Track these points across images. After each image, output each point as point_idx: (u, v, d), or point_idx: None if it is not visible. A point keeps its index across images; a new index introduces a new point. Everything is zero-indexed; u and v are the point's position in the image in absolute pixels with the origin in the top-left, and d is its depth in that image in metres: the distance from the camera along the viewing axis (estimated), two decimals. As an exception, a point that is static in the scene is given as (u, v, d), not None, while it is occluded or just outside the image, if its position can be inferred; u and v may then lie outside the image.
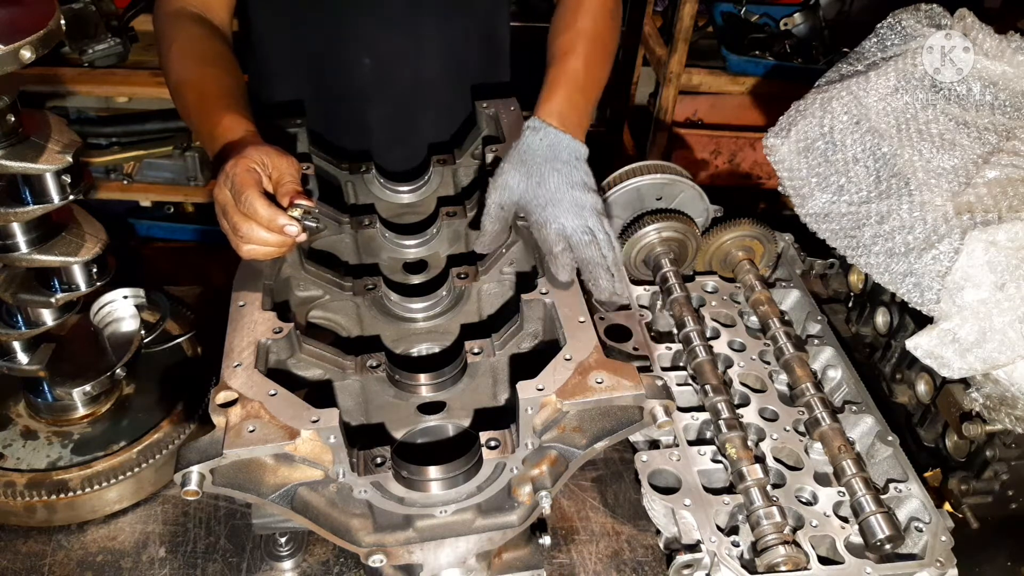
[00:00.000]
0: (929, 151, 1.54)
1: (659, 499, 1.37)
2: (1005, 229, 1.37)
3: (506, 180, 1.39)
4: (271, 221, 1.22)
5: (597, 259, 1.33)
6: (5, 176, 1.27)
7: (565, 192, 1.36)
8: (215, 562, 1.38)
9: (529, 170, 1.38)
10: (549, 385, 1.12)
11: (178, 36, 1.59)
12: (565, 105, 1.50)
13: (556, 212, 1.34)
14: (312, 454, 1.09)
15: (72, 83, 3.35)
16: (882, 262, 1.51)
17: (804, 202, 1.66)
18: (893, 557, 1.36)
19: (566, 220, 1.33)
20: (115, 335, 1.54)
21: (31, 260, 1.35)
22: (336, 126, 1.85)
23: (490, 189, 1.40)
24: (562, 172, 1.38)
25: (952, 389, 1.51)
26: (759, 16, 3.63)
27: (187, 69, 1.55)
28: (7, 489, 1.41)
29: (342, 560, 1.40)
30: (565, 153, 1.41)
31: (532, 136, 1.43)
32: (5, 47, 1.08)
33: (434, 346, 1.41)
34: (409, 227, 1.58)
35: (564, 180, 1.37)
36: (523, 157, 1.41)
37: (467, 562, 1.20)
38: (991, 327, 1.37)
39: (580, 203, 1.35)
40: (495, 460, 1.11)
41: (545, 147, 1.41)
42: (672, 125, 3.55)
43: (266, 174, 1.29)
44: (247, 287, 1.29)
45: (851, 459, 1.42)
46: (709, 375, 1.55)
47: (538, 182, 1.37)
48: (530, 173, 1.38)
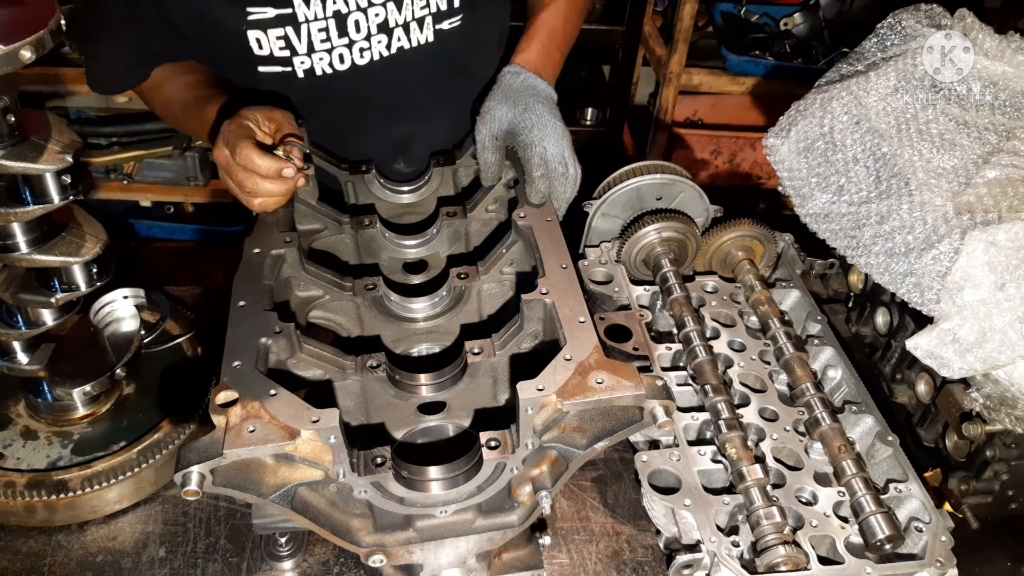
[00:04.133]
0: (929, 151, 1.54)
1: (659, 499, 1.37)
2: (1005, 229, 1.37)
3: (494, 113, 1.54)
4: (269, 169, 1.32)
5: (562, 192, 1.51)
6: (5, 176, 1.27)
7: (549, 119, 1.51)
8: (215, 562, 1.38)
9: (514, 102, 1.54)
10: (549, 385, 1.12)
11: (163, 81, 1.71)
12: (541, 55, 1.69)
13: (542, 135, 1.49)
14: (312, 454, 1.09)
15: (72, 83, 3.35)
16: (882, 262, 1.51)
17: (804, 202, 1.66)
18: (893, 557, 1.35)
19: (549, 144, 1.48)
20: (115, 335, 1.54)
21: (31, 260, 1.35)
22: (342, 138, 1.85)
23: (479, 125, 1.54)
24: (544, 104, 1.54)
25: (952, 389, 1.51)
26: (759, 16, 3.63)
27: (171, 88, 1.69)
28: (7, 489, 1.41)
29: (342, 560, 1.40)
30: (543, 93, 1.58)
31: (512, 78, 1.59)
32: (5, 47, 1.08)
33: (434, 346, 1.41)
34: (409, 227, 1.58)
35: (547, 109, 1.53)
36: (506, 93, 1.56)
37: (467, 562, 1.20)
38: (991, 327, 1.37)
39: (560, 132, 1.51)
40: (495, 460, 1.11)
41: (526, 85, 1.58)
42: (672, 125, 3.55)
43: (261, 129, 1.38)
44: (247, 287, 1.29)
45: (851, 459, 1.42)
46: (709, 375, 1.55)
47: (524, 109, 1.52)
48: (515, 103, 1.53)
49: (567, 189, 1.51)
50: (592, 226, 1.85)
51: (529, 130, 1.50)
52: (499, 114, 1.53)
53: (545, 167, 1.48)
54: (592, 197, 1.83)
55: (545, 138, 1.48)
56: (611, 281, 1.77)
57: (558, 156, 1.48)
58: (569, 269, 1.34)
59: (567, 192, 1.52)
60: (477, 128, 1.55)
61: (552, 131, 1.50)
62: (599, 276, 1.78)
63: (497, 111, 1.54)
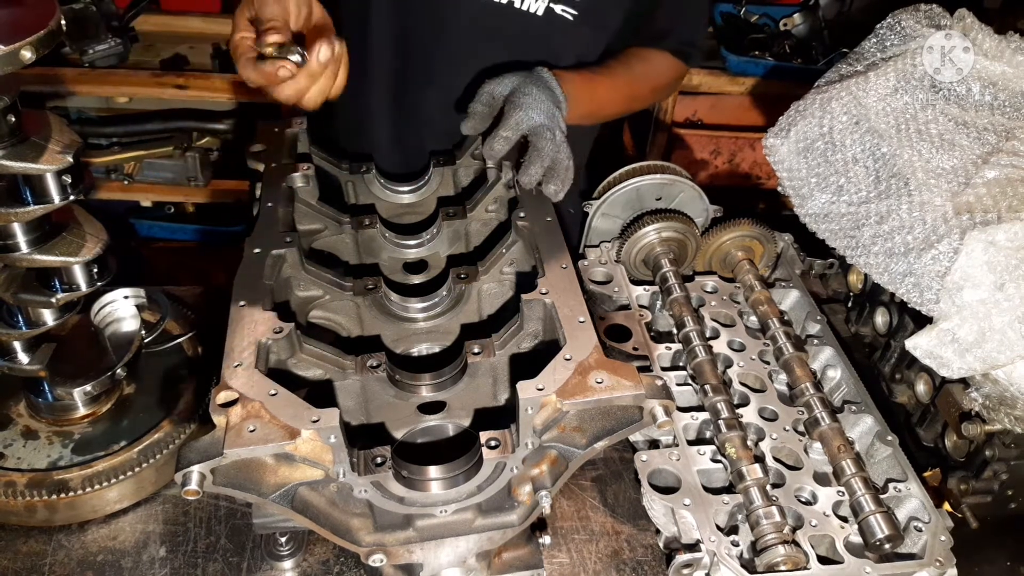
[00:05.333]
0: (928, 151, 1.54)
1: (659, 499, 1.37)
2: (1004, 229, 1.37)
3: (504, 77, 1.55)
4: (267, 80, 1.33)
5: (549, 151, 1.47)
6: (6, 176, 1.27)
7: (550, 107, 1.51)
8: (215, 562, 1.39)
9: (526, 80, 1.54)
10: (549, 385, 1.12)
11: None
12: (581, 85, 1.67)
13: (531, 111, 1.48)
14: (312, 454, 1.09)
15: (72, 83, 3.35)
16: (881, 262, 1.51)
17: (804, 202, 1.66)
18: (892, 557, 1.36)
19: (536, 116, 1.48)
20: (116, 335, 1.54)
21: (32, 260, 1.35)
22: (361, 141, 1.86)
23: (488, 81, 1.56)
24: (550, 100, 1.53)
25: (951, 389, 1.51)
26: (759, 16, 3.63)
27: None
28: (8, 489, 1.41)
29: (342, 560, 1.40)
30: (558, 98, 1.57)
31: (541, 72, 1.58)
32: (5, 47, 1.08)
33: (434, 346, 1.41)
34: (409, 227, 1.58)
35: (551, 99, 1.53)
36: (526, 75, 1.56)
37: (467, 562, 1.20)
38: (990, 327, 1.37)
39: (556, 121, 1.51)
40: (495, 460, 1.11)
41: (546, 85, 1.56)
42: (672, 125, 3.55)
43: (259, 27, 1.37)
44: (247, 287, 1.29)
45: (850, 459, 1.42)
46: (709, 375, 1.55)
47: (529, 90, 1.52)
48: (526, 81, 1.54)
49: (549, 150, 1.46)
50: (592, 226, 1.85)
51: (521, 98, 1.49)
52: (509, 80, 1.54)
53: (521, 131, 1.47)
54: (592, 197, 1.83)
55: (535, 114, 1.48)
56: (611, 281, 1.77)
57: (541, 127, 1.47)
58: (569, 269, 1.34)
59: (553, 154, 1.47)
60: (486, 82, 1.56)
61: (547, 115, 1.49)
62: (599, 276, 1.78)
63: (509, 78, 1.55)
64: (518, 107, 1.48)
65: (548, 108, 1.51)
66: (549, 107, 1.51)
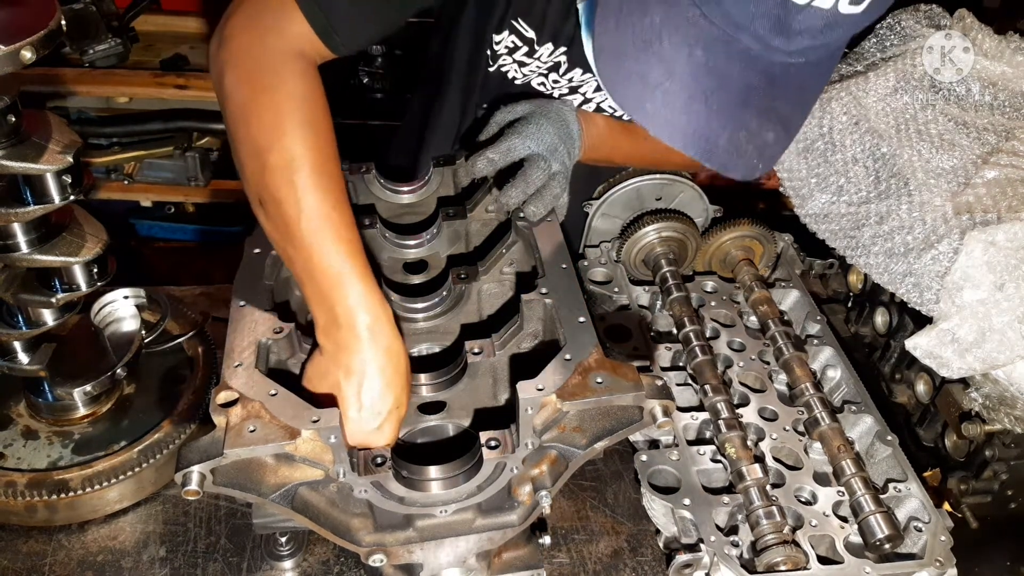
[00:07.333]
0: (928, 151, 1.54)
1: (659, 499, 1.37)
2: (1004, 229, 1.37)
3: (517, 104, 1.54)
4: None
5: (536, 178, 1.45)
6: (6, 176, 1.27)
7: (553, 139, 1.48)
8: (215, 562, 1.39)
9: (537, 110, 1.51)
10: (549, 385, 1.12)
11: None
12: (606, 129, 1.63)
13: (529, 140, 1.46)
14: (312, 454, 1.09)
15: (73, 83, 3.35)
16: (881, 262, 1.51)
17: (804, 202, 1.66)
18: (892, 557, 1.36)
19: (533, 145, 1.46)
20: (116, 335, 1.54)
21: (32, 260, 1.35)
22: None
23: (502, 108, 1.54)
24: (557, 133, 1.50)
25: (951, 389, 1.51)
26: (759, 16, 3.62)
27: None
28: (8, 489, 1.41)
29: (342, 560, 1.40)
30: (571, 133, 1.53)
31: (562, 105, 1.55)
32: (6, 47, 1.08)
33: (434, 346, 1.41)
34: (409, 227, 1.58)
35: (559, 132, 1.50)
36: (540, 104, 1.53)
37: (467, 562, 1.20)
38: (990, 327, 1.37)
39: (557, 154, 1.48)
40: (495, 460, 1.11)
41: (561, 118, 1.52)
42: (672, 125, 3.54)
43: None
44: (248, 287, 1.29)
45: (850, 459, 1.42)
46: (709, 375, 1.55)
47: (535, 119, 1.49)
48: (537, 112, 1.51)
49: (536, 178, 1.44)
50: (592, 226, 1.85)
51: (525, 124, 1.49)
52: (520, 108, 1.54)
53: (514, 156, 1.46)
54: (592, 197, 1.83)
55: (532, 143, 1.47)
56: (611, 281, 1.77)
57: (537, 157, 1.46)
58: (569, 269, 1.34)
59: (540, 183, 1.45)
60: (500, 109, 1.56)
61: (552, 149, 1.48)
62: (599, 276, 1.78)
63: (521, 105, 1.54)
64: (516, 133, 1.47)
65: (550, 140, 1.49)
66: (552, 139, 1.49)
